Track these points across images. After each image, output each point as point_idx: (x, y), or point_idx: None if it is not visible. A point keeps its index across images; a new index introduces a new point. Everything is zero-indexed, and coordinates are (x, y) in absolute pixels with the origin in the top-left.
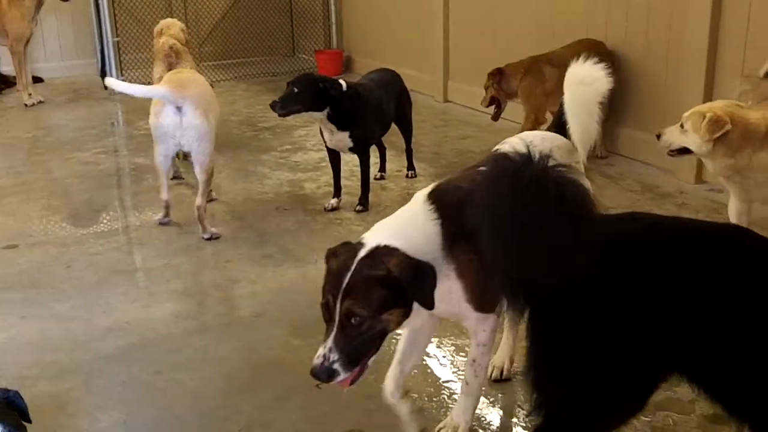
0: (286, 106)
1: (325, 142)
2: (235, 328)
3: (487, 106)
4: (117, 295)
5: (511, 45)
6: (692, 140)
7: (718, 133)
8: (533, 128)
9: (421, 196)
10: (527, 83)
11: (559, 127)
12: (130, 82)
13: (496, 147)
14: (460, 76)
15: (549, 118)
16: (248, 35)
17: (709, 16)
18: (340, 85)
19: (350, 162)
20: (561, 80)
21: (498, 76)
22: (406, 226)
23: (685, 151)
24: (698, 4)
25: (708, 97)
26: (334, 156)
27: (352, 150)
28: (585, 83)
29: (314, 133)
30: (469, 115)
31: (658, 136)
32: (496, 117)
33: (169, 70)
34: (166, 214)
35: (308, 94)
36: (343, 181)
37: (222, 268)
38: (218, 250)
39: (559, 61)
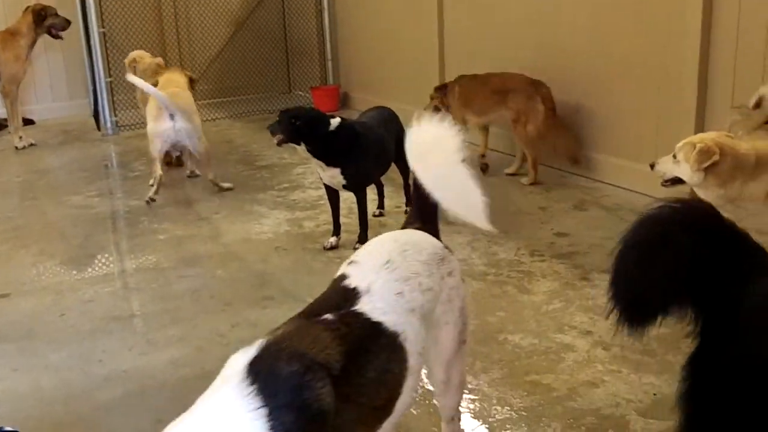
0: (274, 132)
1: (321, 178)
2: None
3: (431, 112)
4: (113, 342)
5: None
6: (684, 170)
7: (707, 163)
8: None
9: (236, 366)
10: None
11: (426, 217)
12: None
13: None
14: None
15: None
16: (244, 73)
17: (698, 50)
18: (325, 123)
19: (348, 199)
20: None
21: (443, 89)
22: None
23: (678, 181)
24: (688, 39)
25: (700, 128)
26: (332, 193)
27: (345, 187)
28: (434, 151)
29: (312, 171)
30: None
31: (652, 166)
32: None
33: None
34: (157, 191)
35: (285, 126)
36: (342, 219)
37: (221, 311)
38: (217, 293)
39: (470, 84)
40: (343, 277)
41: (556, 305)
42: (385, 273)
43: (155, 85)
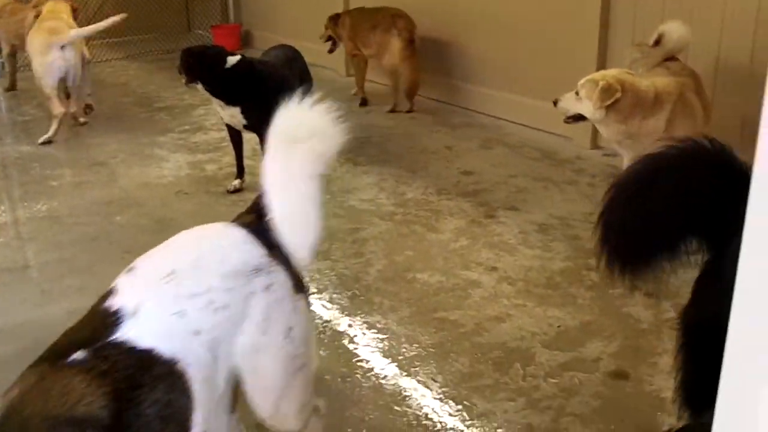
0: (180, 72)
1: (222, 119)
2: None
3: (325, 42)
4: (6, 295)
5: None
6: (586, 107)
7: (609, 101)
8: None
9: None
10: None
11: (264, 210)
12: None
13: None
14: None
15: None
16: (140, 11)
17: None
18: (221, 60)
19: (252, 140)
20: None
21: (336, 19)
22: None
23: (580, 117)
24: None
25: (602, 65)
26: (235, 134)
27: (247, 127)
28: (295, 147)
29: (214, 112)
30: (371, 87)
31: (555, 103)
32: (331, 51)
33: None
34: (57, 131)
35: (182, 66)
36: (246, 161)
37: (120, 259)
38: (116, 241)
39: (360, 16)
40: (110, 293)
41: (463, 243)
42: (164, 288)
43: (37, 16)
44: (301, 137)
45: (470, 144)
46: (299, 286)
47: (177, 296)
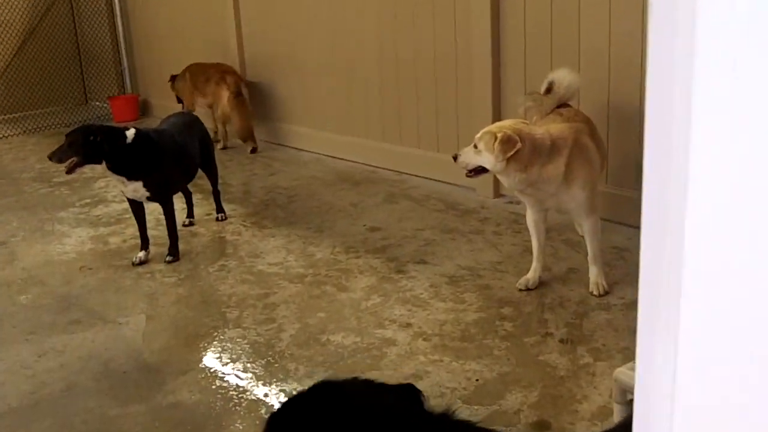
0: (62, 158)
1: (123, 193)
2: (44, 406)
3: (178, 103)
4: None
5: (307, 75)
6: (486, 159)
7: (511, 152)
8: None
9: None
10: (179, 84)
11: None
12: None
13: None
14: (262, 113)
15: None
16: (35, 85)
17: (490, 42)
18: (121, 135)
19: (156, 210)
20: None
21: (172, 80)
22: None
23: (482, 170)
24: (479, 32)
25: (497, 115)
26: (137, 206)
27: (150, 199)
28: None
29: (114, 184)
30: (274, 150)
31: (455, 158)
32: (181, 104)
33: None
34: None
35: (79, 147)
36: (151, 232)
37: (24, 341)
38: (19, 322)
39: (197, 70)
40: None
41: (375, 300)
42: None
43: None
44: None
45: (375, 199)
46: None
47: None
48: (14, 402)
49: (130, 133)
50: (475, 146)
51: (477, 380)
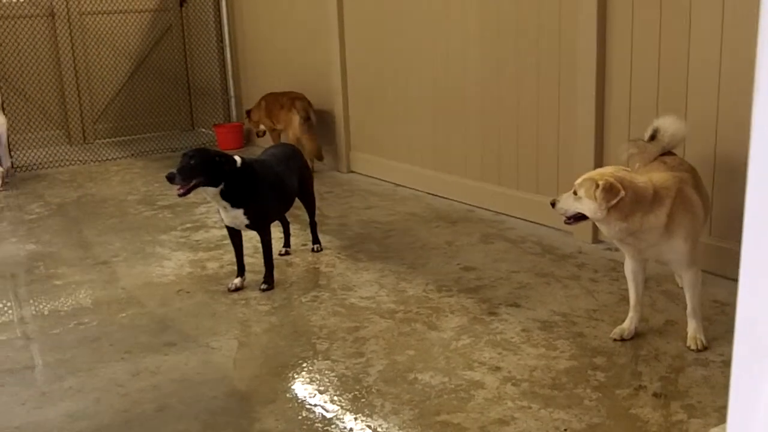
0: (185, 178)
1: (222, 219)
2: (135, 425)
3: (260, 136)
4: (5, 396)
5: (408, 111)
6: (587, 206)
7: (614, 201)
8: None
9: None
10: (256, 115)
11: None
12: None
13: None
14: (361, 145)
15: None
16: (144, 111)
17: (594, 87)
18: (234, 160)
19: (254, 238)
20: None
21: (248, 114)
22: None
23: (581, 217)
24: (584, 77)
25: (599, 161)
26: (234, 234)
27: (249, 227)
28: None
29: (216, 210)
30: (372, 184)
31: (553, 204)
32: (260, 135)
33: None
34: None
35: (205, 166)
36: (247, 259)
37: (120, 360)
38: (116, 341)
39: (271, 100)
40: None
41: (465, 341)
42: None
43: None
44: None
45: (470, 239)
46: None
47: None
48: (107, 419)
49: (238, 159)
50: (575, 192)
51: (565, 430)
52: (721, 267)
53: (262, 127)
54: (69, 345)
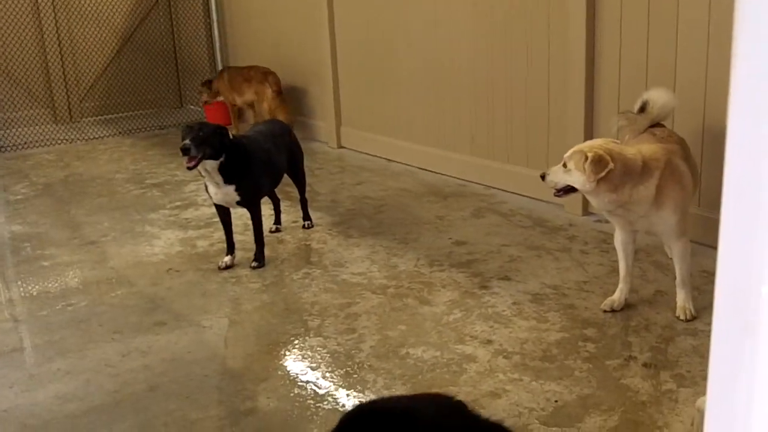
0: (197, 149)
1: (210, 197)
2: (126, 405)
3: (203, 104)
4: None
5: (400, 86)
6: (576, 179)
7: (602, 173)
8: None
9: None
10: (218, 84)
11: None
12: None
13: None
14: (352, 121)
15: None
16: (132, 88)
17: (584, 60)
18: (228, 133)
19: (244, 216)
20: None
21: (209, 82)
22: None
23: (570, 189)
24: (574, 50)
25: (588, 133)
26: (223, 212)
27: (240, 204)
28: None
29: (205, 188)
30: (364, 160)
31: (543, 177)
32: (206, 103)
33: None
34: None
35: (212, 138)
36: (237, 237)
37: (110, 340)
38: (105, 321)
39: (235, 72)
40: None
41: (457, 315)
42: None
43: None
44: None
45: (462, 213)
46: None
47: None
48: (97, 400)
49: (230, 135)
50: (565, 165)
51: (556, 401)
52: (710, 237)
53: (219, 98)
54: (58, 326)
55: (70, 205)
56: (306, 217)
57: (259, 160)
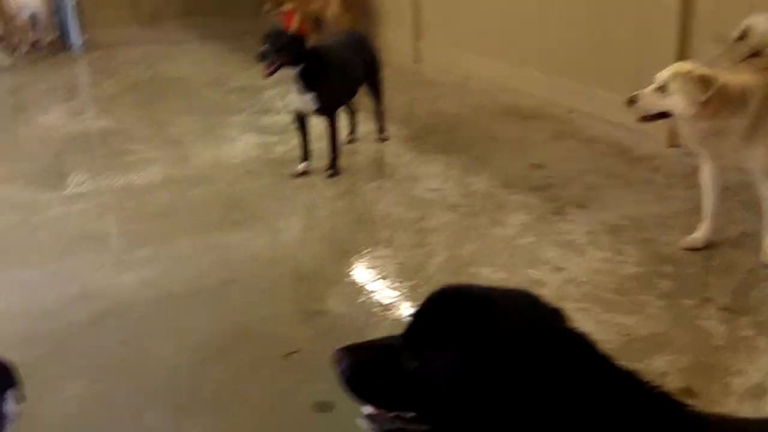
0: (275, 56)
1: (290, 104)
2: (204, 295)
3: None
4: (84, 262)
5: (484, 6)
6: (677, 102)
7: (710, 92)
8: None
9: None
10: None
11: None
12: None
13: None
14: (431, 35)
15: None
16: None
17: None
18: (306, 42)
19: (321, 124)
20: None
21: None
22: None
23: (662, 115)
24: None
25: (681, 59)
26: (301, 119)
27: (317, 112)
28: None
29: (284, 95)
30: (441, 74)
31: (632, 101)
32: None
33: None
34: None
35: (291, 46)
36: (315, 144)
37: (192, 233)
38: (186, 216)
39: None
40: None
41: (529, 239)
42: None
43: None
44: None
45: (541, 135)
46: None
47: None
48: (177, 288)
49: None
50: (660, 88)
51: (626, 335)
52: None
53: (285, 8)
54: (142, 217)
55: (155, 105)
56: (381, 129)
57: (337, 70)
